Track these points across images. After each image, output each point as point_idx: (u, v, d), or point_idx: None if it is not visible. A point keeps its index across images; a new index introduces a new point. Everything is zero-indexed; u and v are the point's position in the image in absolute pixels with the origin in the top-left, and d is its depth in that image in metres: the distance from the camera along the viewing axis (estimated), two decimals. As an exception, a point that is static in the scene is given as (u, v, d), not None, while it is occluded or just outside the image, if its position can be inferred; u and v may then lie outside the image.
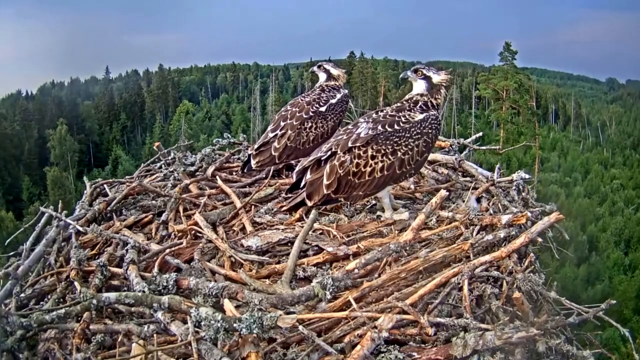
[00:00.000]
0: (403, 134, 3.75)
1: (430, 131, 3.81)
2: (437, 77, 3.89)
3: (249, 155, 4.80)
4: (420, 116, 3.83)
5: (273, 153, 4.65)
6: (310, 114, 4.71)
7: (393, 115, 3.85)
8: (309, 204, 3.83)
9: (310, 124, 4.68)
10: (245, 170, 4.86)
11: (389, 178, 3.77)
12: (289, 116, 4.76)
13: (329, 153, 3.83)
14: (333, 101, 4.82)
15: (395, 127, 3.78)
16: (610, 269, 34.64)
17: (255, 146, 4.79)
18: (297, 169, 4.04)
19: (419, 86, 3.94)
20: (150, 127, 65.33)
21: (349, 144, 3.76)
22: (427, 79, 3.90)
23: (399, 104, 4.01)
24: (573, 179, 49.84)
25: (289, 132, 4.66)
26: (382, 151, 3.72)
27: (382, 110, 3.99)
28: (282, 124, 4.74)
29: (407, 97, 4.02)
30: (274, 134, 4.72)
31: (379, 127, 3.78)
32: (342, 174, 3.74)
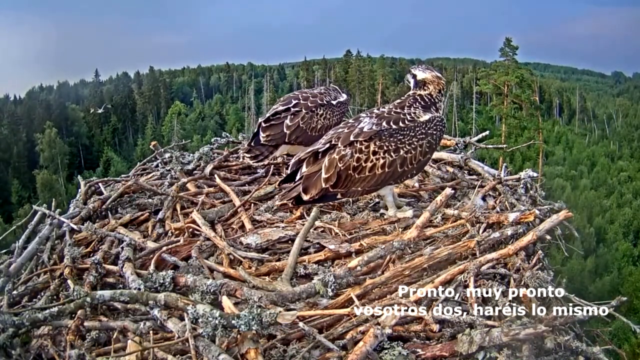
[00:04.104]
0: (408, 132, 3.69)
1: (434, 132, 3.77)
2: (422, 75, 3.95)
3: (258, 126, 4.63)
4: (426, 117, 3.79)
5: (285, 130, 4.50)
6: (325, 102, 4.68)
7: (398, 112, 3.79)
8: (305, 197, 3.67)
9: (322, 112, 4.62)
10: (253, 144, 4.65)
11: (389, 176, 3.69)
12: (301, 98, 4.67)
13: (328, 145, 3.71)
14: (341, 99, 4.83)
15: (400, 124, 3.71)
16: (619, 261, 34.62)
17: (265, 117, 4.64)
18: (292, 160, 3.90)
19: (411, 84, 4.03)
20: (142, 128, 64.93)
21: (351, 138, 3.66)
22: (414, 76, 3.98)
23: (399, 101, 3.97)
24: (579, 172, 49.52)
25: (303, 111, 4.57)
26: (385, 148, 3.64)
27: (384, 107, 3.95)
28: (294, 102, 4.63)
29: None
30: (285, 107, 4.61)
31: (384, 124, 3.70)
32: (342, 168, 3.63)
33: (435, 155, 4.69)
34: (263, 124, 4.58)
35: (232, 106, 71.07)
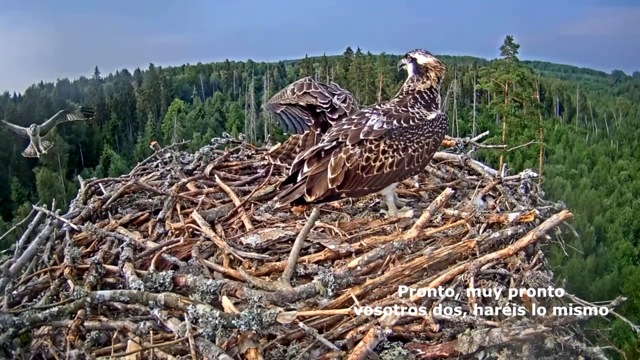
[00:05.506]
0: (416, 131, 3.64)
1: (440, 130, 3.75)
2: (423, 59, 3.78)
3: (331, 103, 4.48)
4: (433, 115, 3.76)
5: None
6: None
7: (405, 110, 3.72)
8: (309, 199, 3.57)
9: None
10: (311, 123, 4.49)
11: (396, 174, 3.63)
12: (338, 86, 4.72)
13: (334, 144, 3.60)
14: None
15: (410, 123, 3.65)
16: (619, 260, 34.59)
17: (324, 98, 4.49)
18: (294, 161, 3.80)
19: (409, 70, 3.85)
20: (142, 126, 64.88)
21: (361, 136, 3.56)
22: (414, 60, 3.81)
23: (397, 100, 3.86)
24: (579, 171, 49.44)
25: (349, 100, 4.54)
26: (394, 146, 3.57)
27: (384, 104, 3.87)
28: (338, 90, 4.63)
29: (403, 87, 3.89)
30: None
31: (394, 122, 3.62)
32: (350, 168, 3.52)
33: (436, 155, 4.67)
34: (326, 110, 4.44)
35: (232, 104, 70.99)
